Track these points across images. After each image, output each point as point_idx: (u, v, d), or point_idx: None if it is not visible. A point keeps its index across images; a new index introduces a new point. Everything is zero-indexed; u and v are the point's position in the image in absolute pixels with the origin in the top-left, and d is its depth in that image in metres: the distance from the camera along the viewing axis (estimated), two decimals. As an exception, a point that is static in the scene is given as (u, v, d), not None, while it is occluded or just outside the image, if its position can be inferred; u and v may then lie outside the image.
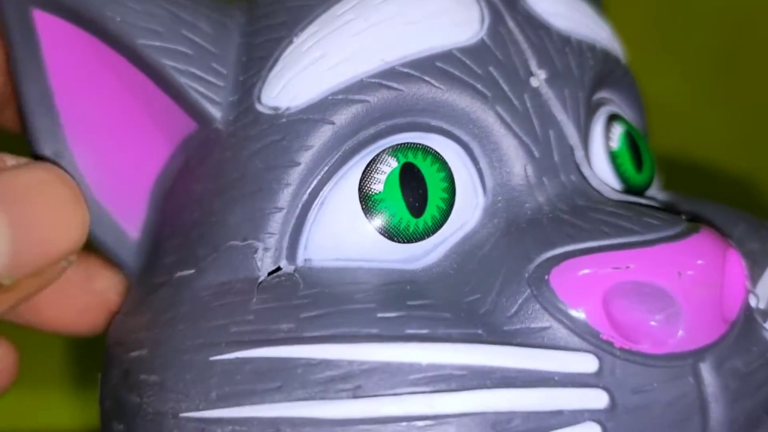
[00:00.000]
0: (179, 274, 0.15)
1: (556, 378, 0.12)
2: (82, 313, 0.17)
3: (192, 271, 0.14)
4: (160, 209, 0.16)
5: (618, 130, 0.17)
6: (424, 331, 0.12)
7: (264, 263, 0.14)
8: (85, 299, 0.16)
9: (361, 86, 0.14)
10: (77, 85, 0.16)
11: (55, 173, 0.14)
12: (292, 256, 0.14)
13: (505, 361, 0.12)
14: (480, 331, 0.12)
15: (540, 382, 0.12)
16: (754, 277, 0.15)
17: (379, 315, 0.12)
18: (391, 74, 0.14)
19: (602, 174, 0.16)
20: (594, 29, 0.17)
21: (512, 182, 0.14)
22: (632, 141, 0.17)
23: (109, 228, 0.16)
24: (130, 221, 0.16)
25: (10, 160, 0.14)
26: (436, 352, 0.12)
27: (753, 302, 0.14)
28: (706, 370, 0.13)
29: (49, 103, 0.15)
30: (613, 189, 0.15)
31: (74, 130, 0.16)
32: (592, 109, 0.16)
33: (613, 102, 0.17)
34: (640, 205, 0.15)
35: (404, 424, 0.11)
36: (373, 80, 0.14)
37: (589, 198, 0.14)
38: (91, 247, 0.15)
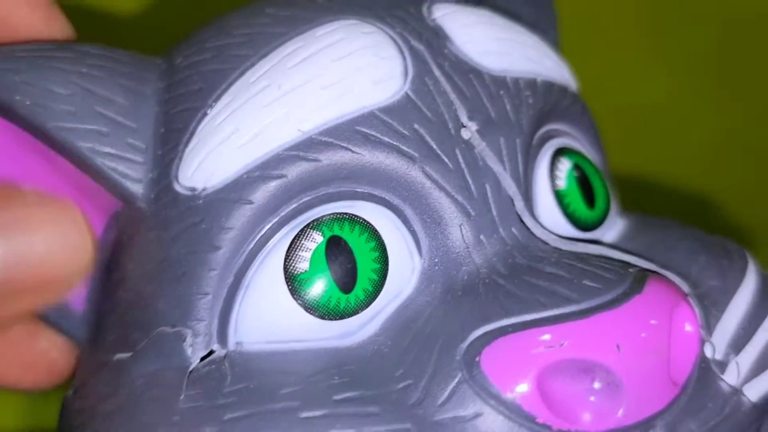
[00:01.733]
0: (118, 356, 0.14)
1: None
2: (25, 370, 0.16)
3: (129, 354, 0.14)
4: (101, 282, 0.16)
5: (566, 166, 0.16)
6: (347, 430, 0.11)
7: (195, 349, 0.13)
8: (29, 357, 0.16)
9: (278, 161, 0.13)
10: (2, 169, 0.15)
11: (64, 205, 0.14)
12: (222, 340, 0.13)
13: None
14: (408, 425, 0.12)
15: None
16: (711, 323, 0.14)
17: (303, 415, 0.12)
18: (309, 145, 0.13)
19: (549, 218, 0.15)
20: (536, 60, 0.16)
21: (448, 244, 0.14)
22: (582, 175, 0.16)
23: (53, 304, 0.16)
24: (74, 294, 0.16)
25: (28, 189, 0.14)
26: None
27: (709, 352, 0.14)
28: None
29: None
30: (558, 236, 0.15)
31: None
32: (534, 149, 0.15)
33: (563, 133, 0.16)
34: (587, 255, 0.14)
35: None
36: (290, 153, 0.13)
37: (530, 254, 0.14)
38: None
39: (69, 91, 0.14)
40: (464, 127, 0.14)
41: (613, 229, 0.17)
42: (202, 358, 0.13)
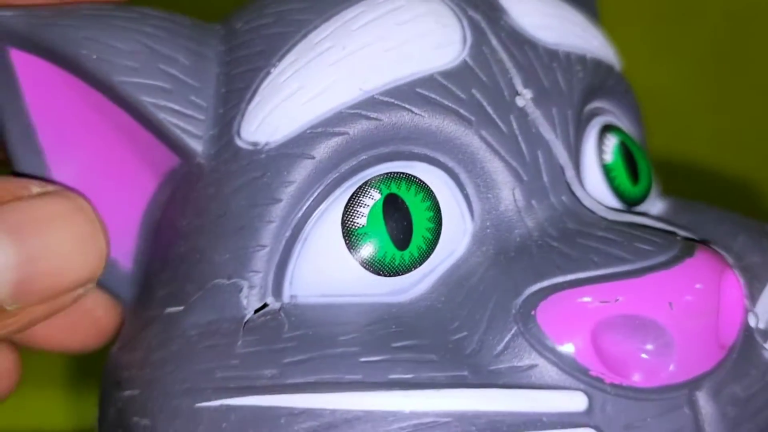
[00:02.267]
0: (169, 310, 0.15)
1: (544, 419, 0.12)
2: (71, 331, 0.17)
3: (181, 308, 0.14)
4: (151, 241, 0.16)
5: (612, 142, 0.16)
6: (408, 376, 0.12)
7: (250, 301, 0.14)
8: (74, 318, 0.17)
9: (340, 118, 0.14)
10: (60, 123, 0.15)
11: (75, 204, 0.14)
12: (278, 292, 0.14)
13: (490, 405, 0.12)
14: (465, 373, 0.12)
15: (527, 425, 0.12)
16: (754, 294, 0.14)
17: (363, 359, 0.12)
18: (371, 104, 0.14)
19: (596, 190, 0.16)
20: (585, 38, 0.16)
21: (500, 207, 0.14)
22: (627, 152, 0.16)
23: None
24: (122, 253, 0.16)
25: (36, 187, 0.14)
26: (420, 399, 0.11)
27: (752, 322, 0.14)
28: (702, 398, 0.13)
29: (33, 142, 0.15)
30: (606, 207, 0.15)
31: (59, 167, 0.16)
32: (583, 123, 0.16)
33: (607, 111, 0.17)
34: (634, 224, 0.14)
35: None
36: (353, 111, 0.14)
37: (581, 220, 0.14)
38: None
39: (132, 48, 0.14)
40: (519, 95, 0.14)
41: (655, 207, 0.17)
42: (257, 311, 0.14)
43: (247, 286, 0.14)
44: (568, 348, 0.12)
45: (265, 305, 0.14)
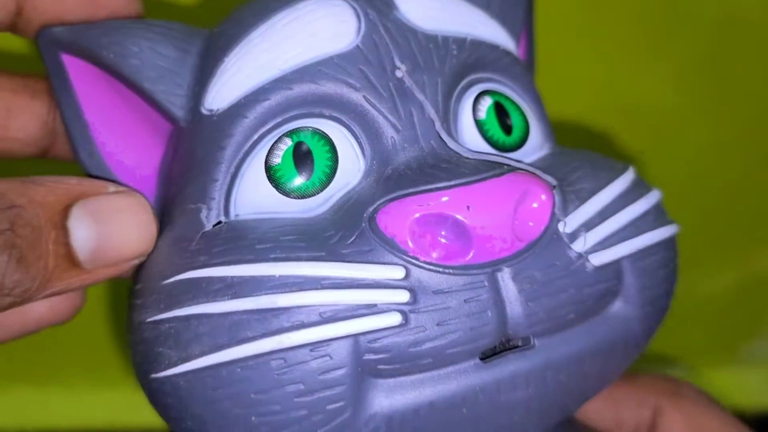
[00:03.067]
0: (166, 231, 0.21)
1: (372, 282, 0.17)
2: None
3: (171, 228, 0.21)
4: (164, 187, 0.23)
5: (486, 103, 0.21)
6: (282, 255, 0.17)
7: (209, 219, 0.20)
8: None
9: (264, 90, 0.20)
10: (97, 104, 0.22)
11: (138, 201, 0.20)
12: (226, 212, 0.20)
13: (333, 272, 0.17)
14: (323, 254, 0.18)
15: (359, 285, 0.17)
16: (569, 208, 0.19)
17: (257, 246, 0.18)
18: (285, 79, 0.20)
19: (471, 140, 0.21)
20: (470, 24, 0.21)
21: (382, 149, 0.20)
22: (502, 110, 0.21)
23: None
24: (148, 197, 0.23)
25: (112, 187, 0.20)
26: (286, 268, 0.17)
27: (561, 227, 0.19)
28: (503, 277, 0.18)
29: (81, 118, 0.22)
30: (471, 150, 0.20)
31: (99, 136, 0.22)
32: (462, 89, 0.21)
33: (490, 80, 0.21)
34: (483, 160, 0.19)
35: (258, 315, 0.17)
36: (273, 84, 0.20)
37: (439, 157, 0.19)
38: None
39: (139, 49, 0.21)
40: (398, 68, 0.20)
41: (534, 154, 0.22)
42: (214, 225, 0.20)
43: (206, 208, 0.20)
44: (393, 237, 0.17)
45: (219, 222, 0.20)
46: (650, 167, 0.34)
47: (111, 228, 0.19)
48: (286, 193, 0.19)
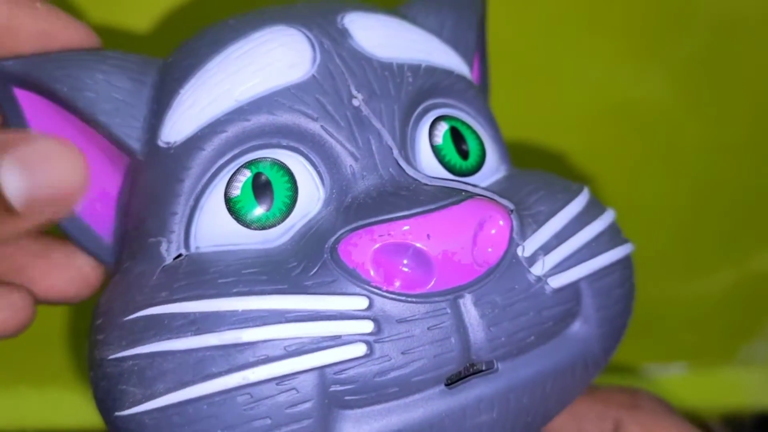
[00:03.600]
0: (125, 265, 0.21)
1: (336, 314, 0.17)
2: (68, 283, 0.23)
3: (130, 262, 0.21)
4: (121, 220, 0.22)
5: (443, 128, 0.21)
6: (245, 289, 0.18)
7: (169, 252, 0.20)
8: (69, 273, 0.23)
9: (221, 121, 0.20)
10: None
11: (62, 141, 0.18)
12: (186, 245, 0.20)
13: (297, 304, 0.17)
14: (285, 286, 0.18)
15: (323, 317, 0.17)
16: (527, 232, 0.19)
17: (219, 281, 0.18)
18: (242, 110, 0.20)
19: (429, 166, 0.21)
20: (424, 51, 0.22)
21: (341, 178, 0.20)
22: (458, 135, 0.21)
23: (91, 238, 0.22)
24: (104, 231, 0.23)
25: (37, 133, 0.19)
26: (249, 302, 0.17)
27: (520, 251, 0.19)
28: (464, 303, 0.18)
29: None
30: (429, 176, 0.20)
31: None
32: (418, 115, 0.21)
33: (445, 105, 0.22)
34: (442, 187, 0.20)
35: (222, 350, 0.17)
36: (229, 116, 0.20)
37: (398, 185, 0.19)
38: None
39: (93, 81, 0.21)
40: (354, 97, 0.20)
41: (491, 178, 0.22)
42: (174, 258, 0.20)
43: (165, 241, 0.20)
44: (355, 267, 0.18)
45: (180, 255, 0.20)
46: (646, 167, 0.36)
47: (42, 169, 0.18)
48: (247, 225, 0.19)
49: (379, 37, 0.21)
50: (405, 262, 0.17)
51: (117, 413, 0.18)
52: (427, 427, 0.18)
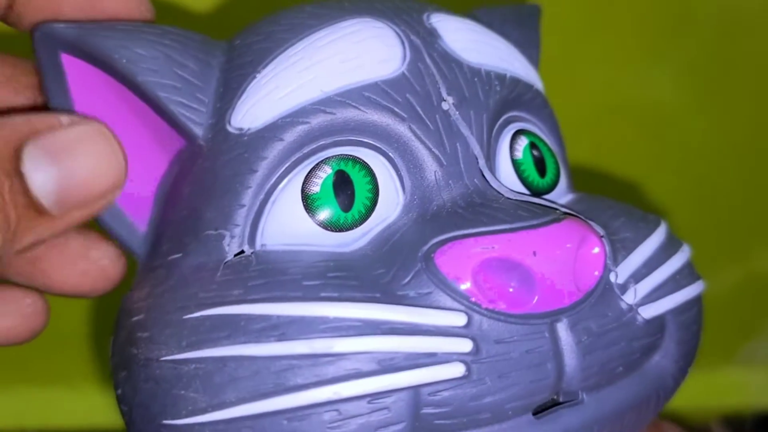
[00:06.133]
0: (171, 257, 0.19)
1: (432, 329, 0.16)
2: (82, 277, 0.21)
3: (180, 255, 0.19)
4: (161, 208, 0.20)
5: (523, 143, 0.20)
6: (334, 294, 0.16)
7: (231, 247, 0.18)
8: (85, 265, 0.21)
9: (305, 111, 0.18)
10: (95, 111, 0.20)
11: (97, 129, 0.18)
12: (252, 241, 0.18)
13: (392, 316, 0.16)
14: (378, 294, 0.16)
15: (419, 332, 0.16)
16: (618, 258, 0.18)
17: (304, 283, 0.16)
18: (328, 102, 0.18)
19: (507, 179, 0.20)
20: (508, 61, 0.21)
21: (425, 184, 0.18)
22: (537, 151, 0.21)
23: (123, 224, 0.20)
24: (140, 218, 0.21)
25: (65, 118, 0.18)
26: (340, 309, 0.16)
27: (613, 278, 0.18)
28: (561, 328, 0.17)
29: None
30: (512, 190, 0.19)
31: None
32: (500, 126, 0.20)
33: (524, 119, 0.21)
34: (527, 202, 0.19)
35: (311, 359, 0.15)
36: (314, 107, 0.18)
37: (485, 196, 0.18)
38: (89, 224, 0.19)
39: (154, 55, 0.19)
40: (444, 100, 0.19)
41: (563, 198, 0.21)
42: (236, 255, 0.18)
43: (229, 235, 0.18)
44: (454, 281, 0.16)
45: (242, 251, 0.18)
46: (651, 167, 0.35)
47: (72, 164, 0.17)
48: (322, 224, 0.18)
49: (467, 41, 0.20)
50: (509, 279, 0.16)
51: (168, 421, 0.16)
52: None
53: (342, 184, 0.18)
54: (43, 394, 0.34)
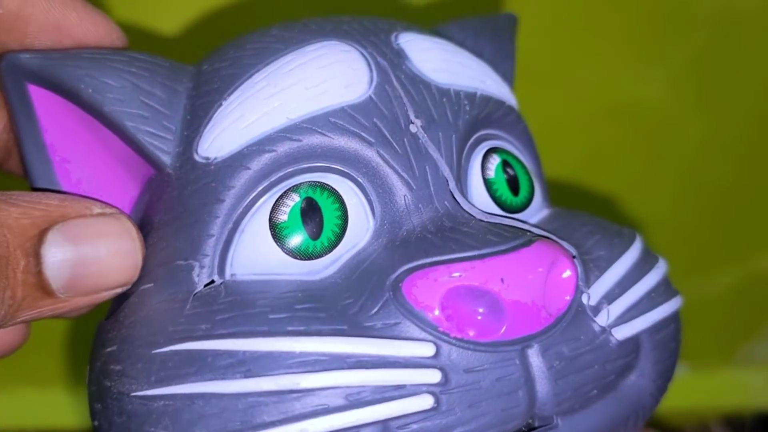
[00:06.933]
0: (143, 287, 0.19)
1: (400, 360, 0.16)
2: None
3: (151, 285, 0.19)
4: None
5: (495, 161, 0.20)
6: (301, 328, 0.16)
7: (200, 278, 0.18)
8: None
9: (270, 139, 0.18)
10: (64, 141, 0.20)
11: (124, 226, 0.18)
12: (221, 271, 0.18)
13: (359, 349, 0.16)
14: (345, 327, 0.16)
15: (387, 364, 0.16)
16: (591, 278, 0.18)
17: (271, 316, 0.16)
18: (294, 129, 0.18)
19: (479, 199, 0.20)
20: (478, 79, 0.20)
21: (394, 209, 0.18)
22: (510, 170, 0.20)
23: None
24: None
25: (97, 208, 0.18)
26: (307, 343, 0.16)
27: (585, 299, 0.18)
28: (532, 354, 0.17)
29: (43, 155, 0.20)
30: (483, 211, 0.19)
31: (64, 176, 0.20)
32: (471, 146, 0.20)
33: (496, 137, 0.21)
34: (498, 224, 0.18)
35: (277, 396, 0.15)
36: (280, 134, 0.18)
37: (456, 220, 0.18)
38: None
39: (120, 84, 0.19)
40: (412, 123, 0.19)
41: (537, 215, 0.21)
42: (206, 285, 0.18)
43: (198, 266, 0.18)
44: (422, 310, 0.16)
45: (212, 281, 0.18)
46: (648, 168, 0.35)
47: (90, 254, 0.17)
48: (291, 253, 0.18)
49: (436, 60, 0.20)
50: (478, 307, 0.16)
51: None
52: None
53: (310, 212, 0.18)
54: (43, 394, 0.34)
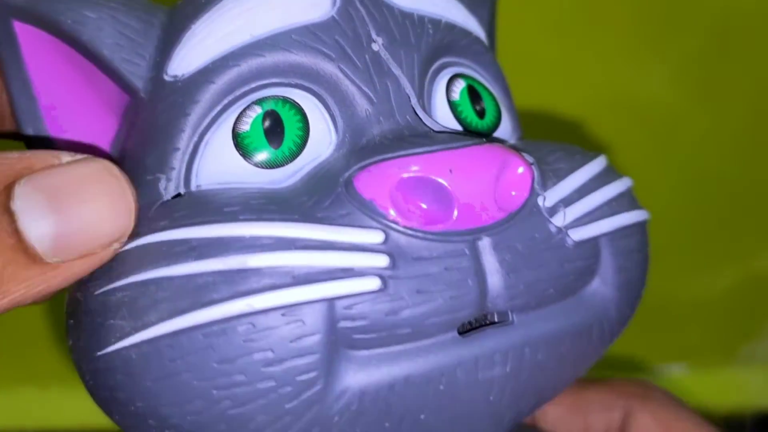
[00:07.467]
0: None
1: (349, 245, 0.16)
2: None
3: None
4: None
5: (460, 85, 0.21)
6: (252, 217, 0.16)
7: (168, 190, 0.19)
8: None
9: (234, 55, 0.19)
10: (48, 77, 0.21)
11: (103, 167, 0.16)
12: (187, 183, 0.19)
13: (308, 233, 0.16)
14: (296, 216, 0.16)
15: (335, 248, 0.16)
16: (547, 184, 0.18)
17: (225, 209, 0.17)
18: (257, 45, 0.19)
19: (444, 119, 0.20)
20: (443, 8, 0.21)
21: (355, 121, 0.19)
22: (475, 93, 0.21)
23: None
24: None
25: (66, 156, 0.16)
26: (256, 229, 0.16)
27: (541, 201, 0.18)
28: (483, 246, 0.17)
29: (29, 93, 0.21)
30: (443, 126, 0.19)
31: (48, 112, 0.21)
32: (435, 70, 0.20)
33: (461, 65, 0.21)
34: (457, 131, 0.19)
35: (226, 275, 0.16)
36: (244, 50, 0.19)
37: (415, 131, 0.19)
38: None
39: (98, 16, 0.20)
40: (374, 41, 0.19)
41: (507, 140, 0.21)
42: (173, 197, 0.18)
43: (165, 178, 0.19)
44: (371, 201, 0.17)
45: (179, 194, 0.19)
46: (649, 165, 0.35)
47: (74, 207, 0.15)
48: (254, 163, 0.18)
49: None
50: (425, 197, 0.16)
51: (100, 352, 0.17)
52: (437, 376, 0.17)
53: (272, 123, 0.19)
54: (43, 394, 0.35)
